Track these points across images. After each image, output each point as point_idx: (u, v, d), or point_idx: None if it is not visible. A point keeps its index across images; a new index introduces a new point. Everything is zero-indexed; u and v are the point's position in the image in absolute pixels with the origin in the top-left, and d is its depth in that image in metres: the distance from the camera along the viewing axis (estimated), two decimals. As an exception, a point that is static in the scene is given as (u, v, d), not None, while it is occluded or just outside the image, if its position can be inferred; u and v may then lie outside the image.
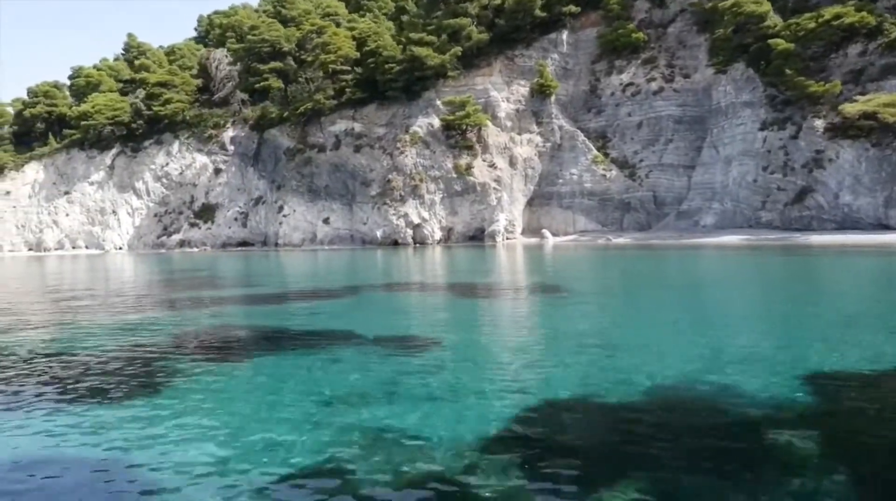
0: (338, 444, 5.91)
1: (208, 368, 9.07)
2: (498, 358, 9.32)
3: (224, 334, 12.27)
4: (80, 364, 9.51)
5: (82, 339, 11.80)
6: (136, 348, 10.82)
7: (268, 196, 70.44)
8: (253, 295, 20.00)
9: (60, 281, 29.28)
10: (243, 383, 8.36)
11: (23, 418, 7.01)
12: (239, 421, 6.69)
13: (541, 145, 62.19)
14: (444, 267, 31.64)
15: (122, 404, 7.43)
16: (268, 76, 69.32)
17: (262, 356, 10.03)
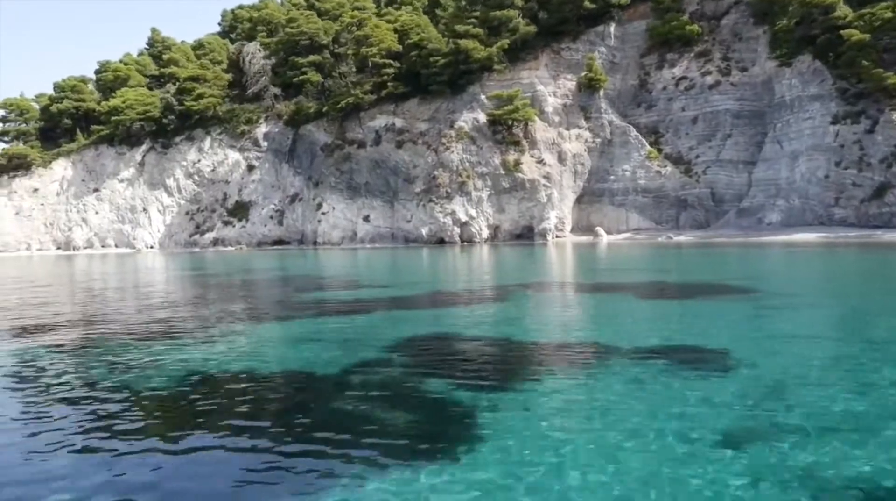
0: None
1: (526, 386, 7.32)
2: (831, 376, 7.53)
3: (511, 348, 10.51)
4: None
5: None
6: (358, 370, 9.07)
7: (304, 193, 68.62)
8: (409, 298, 18.13)
9: (122, 288, 27.35)
10: (611, 402, 6.57)
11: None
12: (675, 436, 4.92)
13: (590, 141, 60.45)
14: (542, 265, 29.90)
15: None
16: (306, 70, 67.43)
17: (566, 372, 8.24)
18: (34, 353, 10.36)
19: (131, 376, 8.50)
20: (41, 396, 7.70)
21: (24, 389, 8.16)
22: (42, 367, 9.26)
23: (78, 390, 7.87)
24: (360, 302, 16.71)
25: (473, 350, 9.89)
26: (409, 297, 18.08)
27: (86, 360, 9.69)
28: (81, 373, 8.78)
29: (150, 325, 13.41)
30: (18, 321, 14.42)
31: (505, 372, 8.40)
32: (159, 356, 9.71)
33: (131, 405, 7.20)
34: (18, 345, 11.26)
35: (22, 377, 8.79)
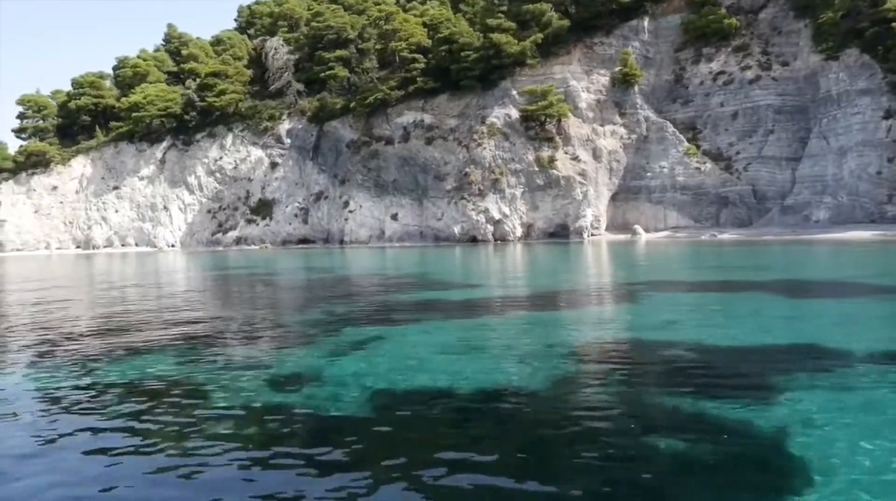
0: None
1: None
2: None
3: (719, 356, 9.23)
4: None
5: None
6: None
7: (330, 191, 67.34)
8: (522, 298, 16.87)
9: (160, 294, 25.99)
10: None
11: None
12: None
13: (625, 137, 59.18)
14: (616, 263, 28.61)
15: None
16: (333, 65, 66.14)
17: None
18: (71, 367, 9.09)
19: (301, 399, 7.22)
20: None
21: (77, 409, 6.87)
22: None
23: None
24: (476, 304, 15.42)
25: (689, 358, 8.58)
26: (523, 297, 16.79)
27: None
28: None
29: (257, 330, 12.14)
30: (44, 333, 13.15)
31: (760, 382, 7.08)
32: (313, 370, 8.43)
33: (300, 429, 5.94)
34: (48, 362, 9.98)
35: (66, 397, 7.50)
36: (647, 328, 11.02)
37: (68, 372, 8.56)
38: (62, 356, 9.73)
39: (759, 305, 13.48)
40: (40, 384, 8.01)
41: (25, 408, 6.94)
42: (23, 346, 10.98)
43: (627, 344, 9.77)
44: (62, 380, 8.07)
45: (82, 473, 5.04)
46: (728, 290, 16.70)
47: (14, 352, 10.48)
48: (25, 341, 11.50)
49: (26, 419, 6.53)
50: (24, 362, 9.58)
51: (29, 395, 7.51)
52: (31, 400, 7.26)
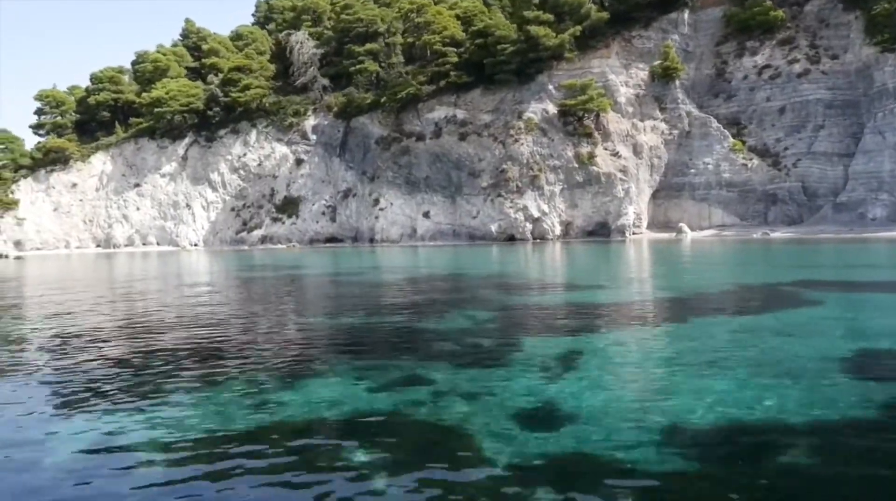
0: None
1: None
2: None
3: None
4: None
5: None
6: None
7: (359, 189, 65.57)
8: (677, 300, 15.16)
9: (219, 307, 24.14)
10: None
11: None
12: None
13: (666, 133, 57.50)
14: (698, 262, 26.93)
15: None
16: (363, 58, 64.36)
17: None
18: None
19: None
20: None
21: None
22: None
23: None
24: (628, 307, 13.72)
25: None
26: (669, 299, 15.03)
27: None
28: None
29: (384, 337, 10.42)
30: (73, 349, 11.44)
31: None
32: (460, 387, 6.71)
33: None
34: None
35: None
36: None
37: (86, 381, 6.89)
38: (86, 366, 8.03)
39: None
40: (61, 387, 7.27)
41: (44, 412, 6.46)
42: (43, 352, 9.28)
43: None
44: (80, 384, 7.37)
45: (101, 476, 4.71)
46: (886, 291, 14.99)
47: (32, 363, 8.81)
48: (45, 347, 9.81)
49: (47, 427, 5.99)
50: (45, 370, 8.56)
51: (49, 399, 6.97)
52: (49, 406, 6.74)
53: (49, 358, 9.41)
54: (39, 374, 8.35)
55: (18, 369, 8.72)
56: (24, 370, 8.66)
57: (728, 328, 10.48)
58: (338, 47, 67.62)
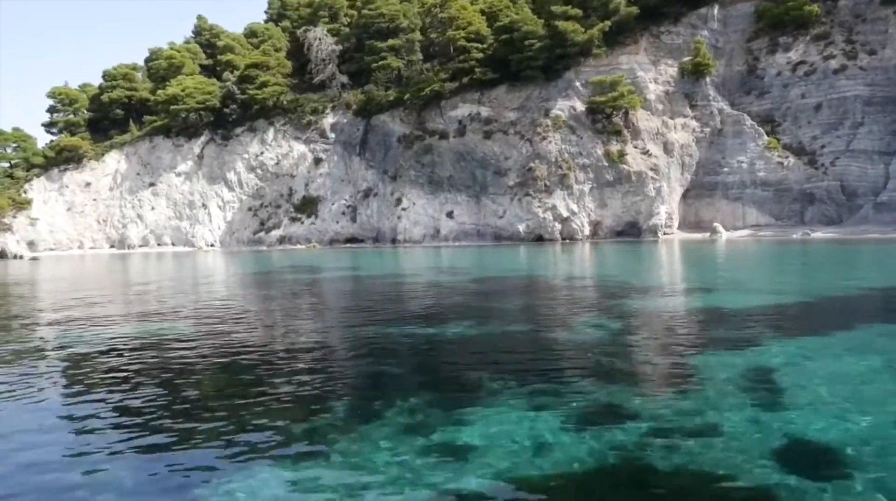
0: None
1: None
2: None
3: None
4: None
5: None
6: None
7: (380, 188, 64.16)
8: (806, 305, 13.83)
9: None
10: None
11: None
12: None
13: (697, 130, 56.15)
14: (761, 263, 25.59)
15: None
16: (385, 54, 62.96)
17: None
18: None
19: None
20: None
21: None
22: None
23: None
24: (763, 312, 12.38)
25: None
26: (801, 303, 13.70)
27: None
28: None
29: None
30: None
31: None
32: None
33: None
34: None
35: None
36: None
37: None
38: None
39: None
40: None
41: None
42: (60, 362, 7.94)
43: None
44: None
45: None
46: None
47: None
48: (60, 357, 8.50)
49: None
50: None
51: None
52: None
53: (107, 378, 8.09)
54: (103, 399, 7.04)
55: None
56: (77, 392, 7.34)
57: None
58: (358, 43, 66.19)
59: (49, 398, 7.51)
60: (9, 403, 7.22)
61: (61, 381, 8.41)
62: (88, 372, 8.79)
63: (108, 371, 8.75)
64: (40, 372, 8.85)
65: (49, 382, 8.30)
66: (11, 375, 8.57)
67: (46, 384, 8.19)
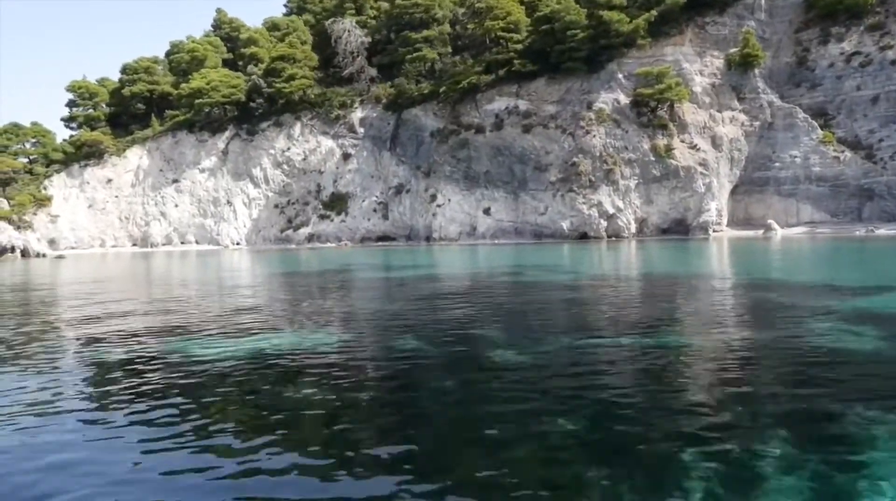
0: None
1: None
2: None
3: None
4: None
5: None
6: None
7: (413, 184, 62.15)
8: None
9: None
10: None
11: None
12: None
13: (746, 124, 54.14)
14: (844, 262, 23.58)
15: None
16: (420, 46, 60.94)
17: None
18: None
19: None
20: None
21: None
22: None
23: None
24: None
25: None
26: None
27: None
28: None
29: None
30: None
31: None
32: None
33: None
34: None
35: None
36: None
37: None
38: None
39: None
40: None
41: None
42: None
43: None
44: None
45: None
46: None
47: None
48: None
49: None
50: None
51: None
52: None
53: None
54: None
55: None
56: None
57: None
58: (388, 35, 64.16)
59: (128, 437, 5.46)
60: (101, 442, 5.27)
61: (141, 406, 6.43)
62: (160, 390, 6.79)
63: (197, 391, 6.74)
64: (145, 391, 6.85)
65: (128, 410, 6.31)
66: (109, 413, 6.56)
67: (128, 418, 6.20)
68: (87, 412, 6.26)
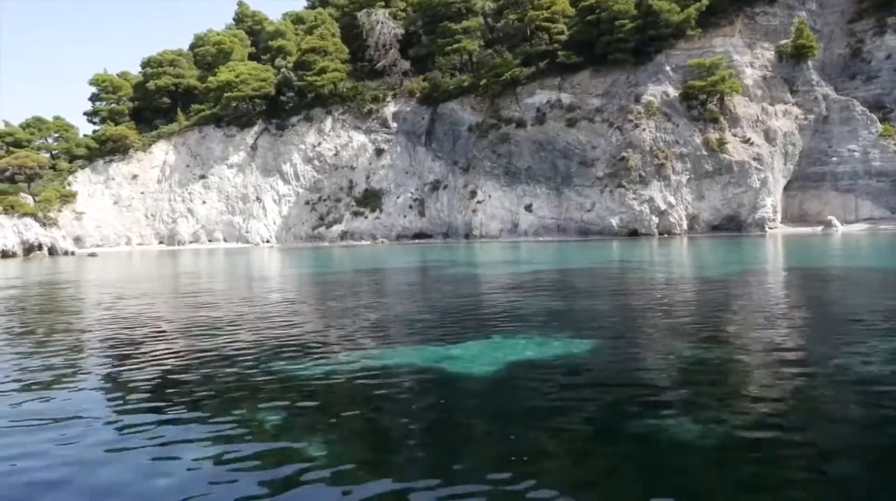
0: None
1: None
2: None
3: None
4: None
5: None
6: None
7: (450, 180, 60.31)
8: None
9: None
10: None
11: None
12: None
13: (801, 118, 52.43)
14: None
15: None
16: (460, 37, 59.10)
17: None
18: None
19: None
20: None
21: None
22: None
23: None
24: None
25: None
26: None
27: None
28: None
29: None
30: None
31: None
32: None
33: None
34: None
35: None
36: None
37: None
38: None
39: None
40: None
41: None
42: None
43: None
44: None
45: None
46: None
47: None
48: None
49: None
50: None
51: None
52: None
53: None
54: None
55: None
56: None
57: None
58: (422, 27, 62.30)
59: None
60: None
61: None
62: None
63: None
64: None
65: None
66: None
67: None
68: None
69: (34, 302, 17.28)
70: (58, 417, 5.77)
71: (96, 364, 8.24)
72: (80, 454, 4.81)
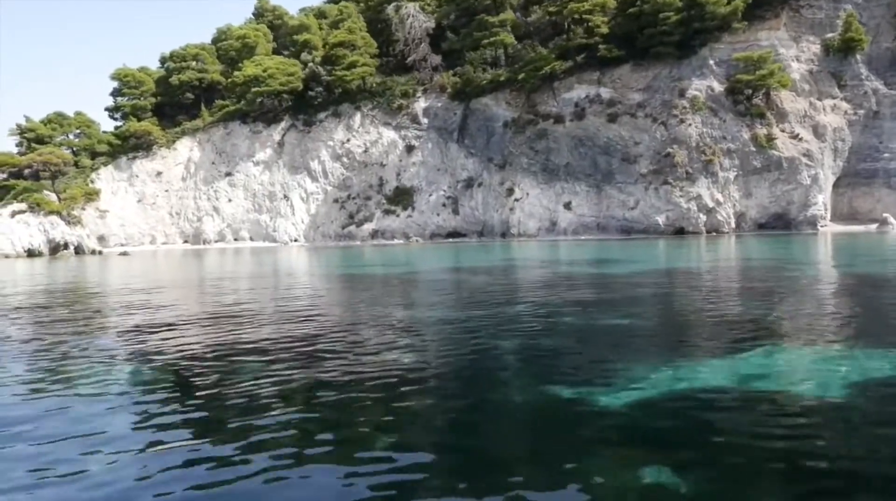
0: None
1: None
2: None
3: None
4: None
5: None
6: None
7: (484, 178, 58.82)
8: None
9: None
10: None
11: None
12: None
13: (850, 113, 51.13)
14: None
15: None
16: (497, 31, 57.61)
17: None
18: None
19: None
20: None
21: None
22: None
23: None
24: None
25: None
26: None
27: None
28: None
29: None
30: None
31: None
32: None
33: None
34: None
35: None
36: None
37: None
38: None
39: None
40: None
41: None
42: None
43: None
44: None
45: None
46: None
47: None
48: None
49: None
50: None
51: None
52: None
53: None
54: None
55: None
56: None
57: None
58: (460, 20, 60.80)
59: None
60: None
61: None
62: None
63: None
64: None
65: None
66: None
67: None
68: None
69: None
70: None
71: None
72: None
